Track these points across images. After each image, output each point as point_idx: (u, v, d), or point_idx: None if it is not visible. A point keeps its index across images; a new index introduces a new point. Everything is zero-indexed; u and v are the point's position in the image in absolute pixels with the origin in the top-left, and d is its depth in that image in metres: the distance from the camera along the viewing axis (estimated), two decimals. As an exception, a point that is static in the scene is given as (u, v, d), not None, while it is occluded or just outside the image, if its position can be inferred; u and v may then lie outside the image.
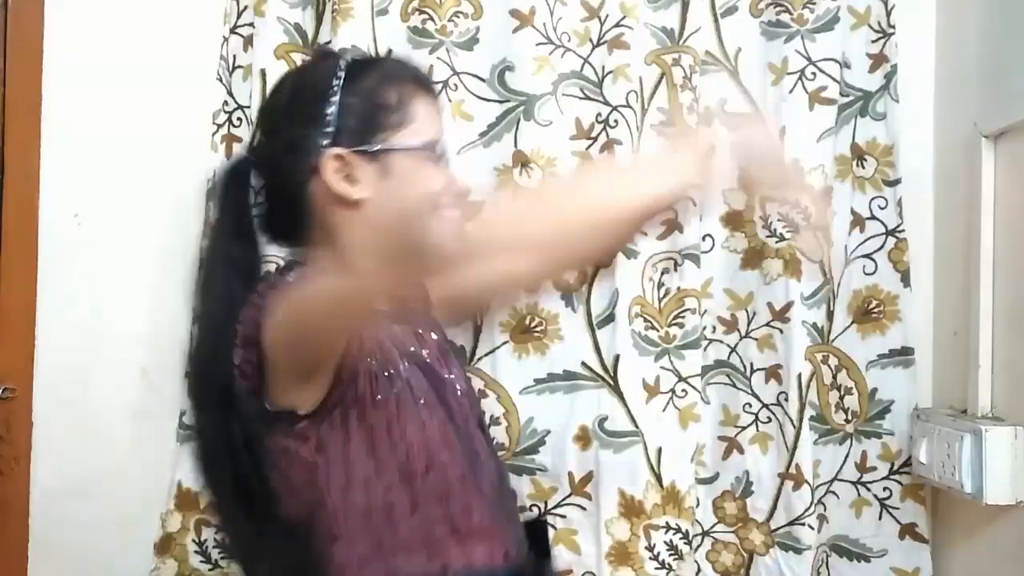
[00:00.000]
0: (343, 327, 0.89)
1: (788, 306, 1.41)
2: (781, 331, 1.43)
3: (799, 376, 1.40)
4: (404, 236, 0.92)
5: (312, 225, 1.00)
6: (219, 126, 1.43)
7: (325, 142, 0.98)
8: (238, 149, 1.42)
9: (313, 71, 1.07)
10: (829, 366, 1.47)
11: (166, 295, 1.43)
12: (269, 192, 1.02)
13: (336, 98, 0.99)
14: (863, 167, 1.47)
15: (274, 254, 1.10)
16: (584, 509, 1.39)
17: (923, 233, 1.48)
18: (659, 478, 1.41)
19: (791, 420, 1.41)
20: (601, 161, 1.38)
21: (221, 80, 1.44)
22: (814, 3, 1.44)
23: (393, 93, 1.01)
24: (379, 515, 0.93)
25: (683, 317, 1.43)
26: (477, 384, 1.38)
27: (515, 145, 1.41)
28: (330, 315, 0.88)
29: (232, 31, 1.44)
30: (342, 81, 1.00)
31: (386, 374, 0.95)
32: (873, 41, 1.46)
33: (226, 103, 1.44)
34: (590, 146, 1.42)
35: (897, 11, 1.45)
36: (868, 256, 1.47)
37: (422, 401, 0.97)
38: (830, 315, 1.47)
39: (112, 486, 1.42)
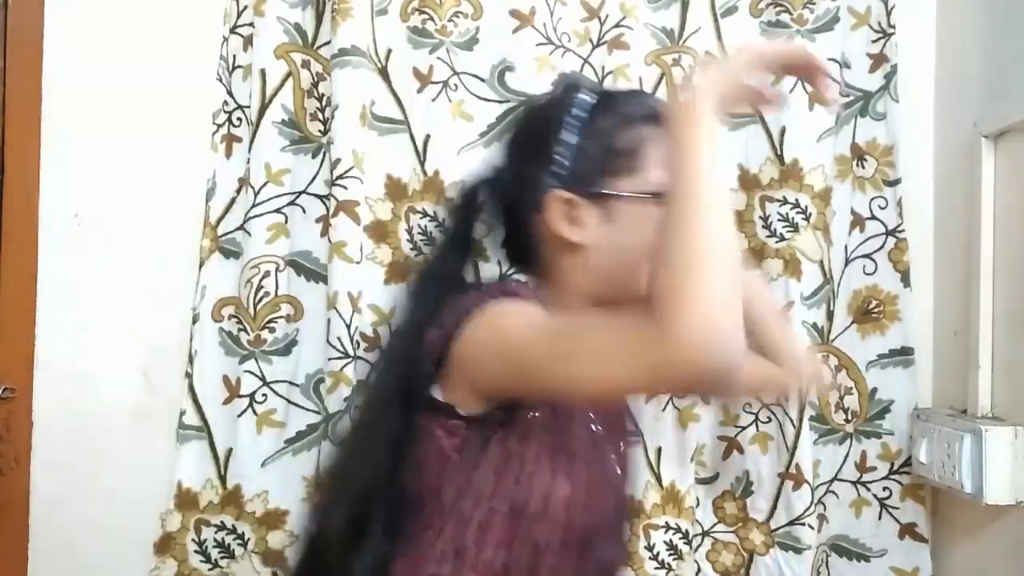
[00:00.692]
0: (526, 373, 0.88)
1: (788, 306, 1.41)
2: (781, 331, 1.43)
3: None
4: (619, 283, 0.96)
5: (536, 257, 1.01)
6: (219, 126, 1.43)
7: (552, 181, 0.96)
8: (239, 149, 1.43)
9: (551, 105, 1.02)
10: (829, 366, 1.47)
11: (166, 295, 1.43)
12: (503, 216, 1.04)
13: (569, 137, 0.97)
14: (863, 167, 1.47)
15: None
16: (584, 509, 1.39)
17: (923, 233, 1.48)
18: (659, 478, 1.41)
19: (791, 420, 1.41)
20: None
21: (221, 80, 1.44)
22: (814, 3, 1.44)
23: (629, 136, 0.97)
24: (474, 529, 0.94)
25: (683, 317, 1.43)
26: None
27: (515, 145, 1.42)
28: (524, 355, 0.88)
29: (232, 31, 1.44)
30: (578, 119, 0.98)
31: (545, 423, 0.95)
32: (873, 41, 1.46)
33: (226, 103, 1.44)
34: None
35: (897, 11, 1.45)
36: (868, 256, 1.47)
37: (564, 457, 0.96)
38: (830, 315, 1.47)
39: (112, 486, 1.42)
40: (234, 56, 1.44)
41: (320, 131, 1.42)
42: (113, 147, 1.44)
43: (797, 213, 1.42)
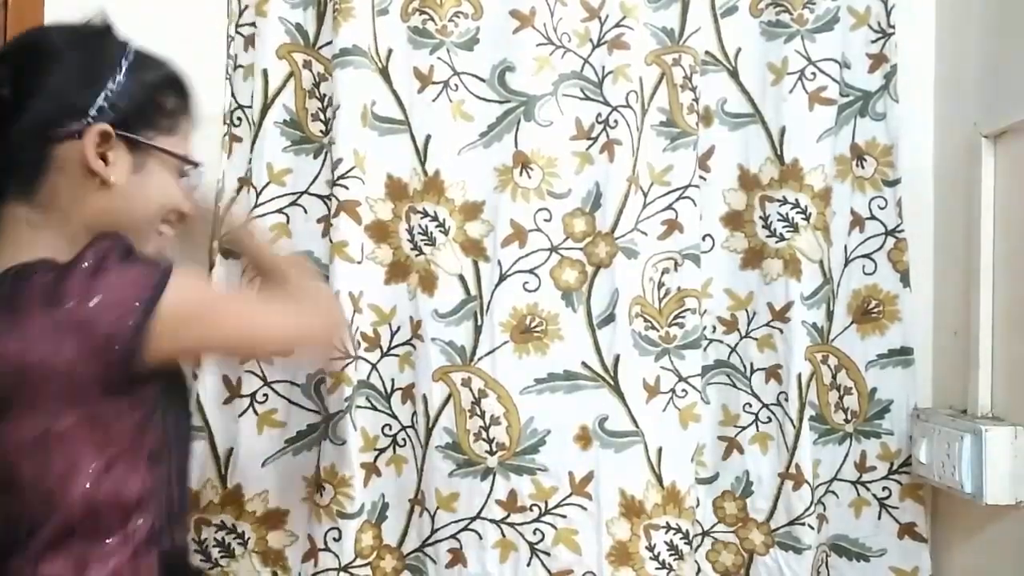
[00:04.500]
0: None
1: (788, 306, 1.42)
2: (781, 331, 1.43)
3: (799, 376, 1.41)
4: (128, 232, 0.97)
5: (39, 183, 0.95)
6: (227, 126, 1.43)
7: (94, 112, 0.94)
8: (239, 149, 1.43)
9: (104, 39, 1.01)
10: (829, 366, 1.47)
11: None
12: (8, 130, 0.95)
13: (119, 76, 0.97)
14: (863, 167, 1.48)
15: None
16: (585, 509, 1.39)
17: (923, 233, 1.48)
18: (659, 478, 1.41)
19: (791, 420, 1.41)
20: None
21: (229, 80, 1.44)
22: (814, 3, 1.44)
23: (172, 99, 1.01)
24: None
25: (683, 317, 1.43)
26: (477, 384, 1.39)
27: (515, 145, 1.42)
28: None
29: (234, 31, 1.44)
30: (133, 63, 0.99)
31: None
32: (873, 41, 1.47)
33: (228, 103, 1.44)
34: (590, 146, 1.42)
35: (897, 11, 1.46)
36: (868, 256, 1.47)
37: None
38: (830, 315, 1.47)
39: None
40: (235, 56, 1.44)
41: (322, 131, 1.42)
42: (114, 147, 1.44)
43: (797, 213, 1.43)
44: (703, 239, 1.46)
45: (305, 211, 1.42)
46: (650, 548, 1.39)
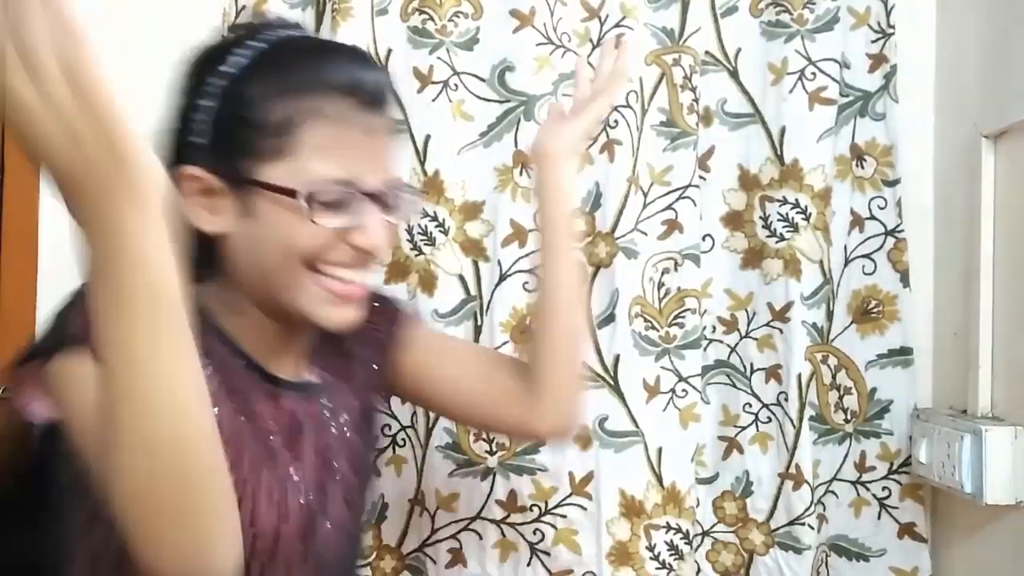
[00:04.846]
0: None
1: (788, 306, 1.42)
2: (781, 331, 1.43)
3: (799, 376, 1.41)
4: (267, 292, 0.80)
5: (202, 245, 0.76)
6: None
7: (189, 154, 0.78)
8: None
9: (206, 56, 0.82)
10: (829, 366, 1.47)
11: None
12: None
13: (208, 101, 0.78)
14: (863, 167, 1.47)
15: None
16: (584, 509, 1.39)
17: (923, 233, 1.48)
18: (659, 478, 1.41)
19: (791, 420, 1.41)
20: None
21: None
22: (814, 3, 1.44)
23: (283, 108, 0.77)
24: None
25: (683, 317, 1.43)
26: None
27: (515, 145, 1.42)
28: None
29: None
30: (224, 79, 0.78)
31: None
32: (873, 41, 1.46)
33: (226, 103, 1.44)
34: (590, 146, 1.42)
35: (897, 11, 1.45)
36: (867, 256, 1.47)
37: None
38: (830, 315, 1.47)
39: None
40: (234, 56, 1.44)
41: (320, 131, 1.42)
42: (113, 147, 1.44)
43: (797, 213, 1.43)
44: (703, 239, 1.46)
45: (305, 211, 1.42)
46: (650, 548, 1.39)
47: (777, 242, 1.43)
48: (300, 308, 0.80)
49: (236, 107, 0.77)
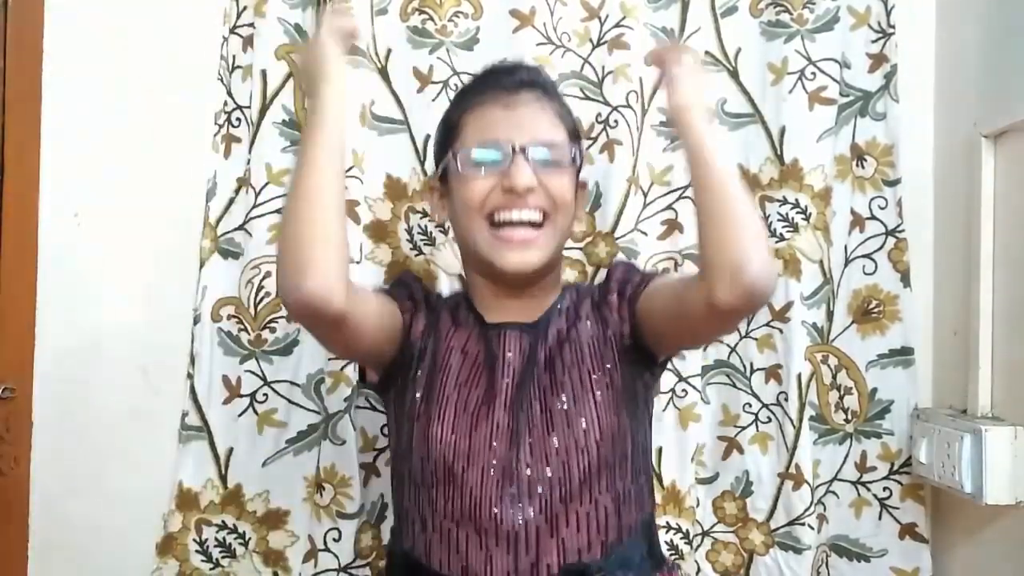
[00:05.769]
0: None
1: (788, 306, 1.42)
2: (781, 331, 1.43)
3: (799, 376, 1.41)
4: (469, 249, 1.06)
5: None
6: (219, 126, 1.43)
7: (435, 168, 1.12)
8: (238, 149, 1.43)
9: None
10: (829, 366, 1.47)
11: (166, 295, 1.43)
12: None
13: (443, 125, 1.10)
14: (863, 167, 1.47)
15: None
16: (584, 509, 1.39)
17: (923, 233, 1.48)
18: (660, 478, 1.41)
19: (791, 420, 1.41)
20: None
21: (222, 80, 1.44)
22: (814, 3, 1.44)
23: (454, 112, 1.08)
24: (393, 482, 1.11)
25: (683, 317, 1.43)
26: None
27: (515, 145, 1.42)
28: None
29: (232, 31, 1.44)
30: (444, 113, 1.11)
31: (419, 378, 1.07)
32: (873, 41, 1.46)
33: (226, 103, 1.44)
34: (590, 146, 1.42)
35: (897, 11, 1.45)
36: (868, 256, 1.47)
37: (427, 404, 1.06)
38: (830, 315, 1.47)
39: (112, 486, 1.42)
40: (233, 56, 1.44)
41: (320, 131, 1.42)
42: (113, 147, 1.44)
43: (797, 213, 1.42)
44: (703, 239, 1.45)
45: (305, 211, 1.42)
46: (650, 548, 1.39)
47: (777, 242, 1.43)
48: (484, 256, 1.03)
49: (441, 127, 1.11)
